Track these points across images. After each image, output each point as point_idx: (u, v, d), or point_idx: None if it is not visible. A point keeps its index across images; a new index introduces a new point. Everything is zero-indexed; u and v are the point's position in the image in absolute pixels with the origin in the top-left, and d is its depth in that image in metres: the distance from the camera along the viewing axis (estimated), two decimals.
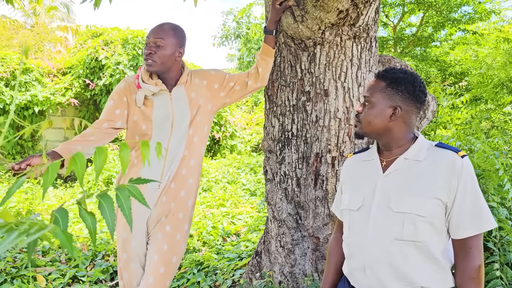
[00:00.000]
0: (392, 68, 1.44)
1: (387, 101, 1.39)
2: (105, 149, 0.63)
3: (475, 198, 1.31)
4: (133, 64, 8.43)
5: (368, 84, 1.47)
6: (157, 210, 2.07)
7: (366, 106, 1.44)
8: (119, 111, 2.06)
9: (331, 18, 2.03)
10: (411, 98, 1.39)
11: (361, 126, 1.46)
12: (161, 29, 1.98)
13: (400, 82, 1.38)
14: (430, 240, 1.32)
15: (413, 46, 7.61)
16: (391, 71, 1.42)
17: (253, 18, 13.91)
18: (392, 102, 1.39)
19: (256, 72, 2.19)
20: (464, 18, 6.95)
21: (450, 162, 1.33)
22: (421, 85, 1.41)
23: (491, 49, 6.75)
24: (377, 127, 1.42)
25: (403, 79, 1.38)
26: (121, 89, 2.08)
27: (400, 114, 1.39)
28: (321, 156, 2.20)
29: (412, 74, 1.41)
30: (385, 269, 1.35)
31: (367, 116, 1.43)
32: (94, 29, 9.32)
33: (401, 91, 1.38)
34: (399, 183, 1.38)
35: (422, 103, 1.42)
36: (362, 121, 1.45)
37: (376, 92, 1.41)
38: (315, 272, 2.25)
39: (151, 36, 1.97)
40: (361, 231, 1.42)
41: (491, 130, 3.97)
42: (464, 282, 1.31)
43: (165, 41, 1.96)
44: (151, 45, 1.96)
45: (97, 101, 8.75)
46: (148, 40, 1.98)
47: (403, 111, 1.39)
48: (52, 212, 0.58)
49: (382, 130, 1.42)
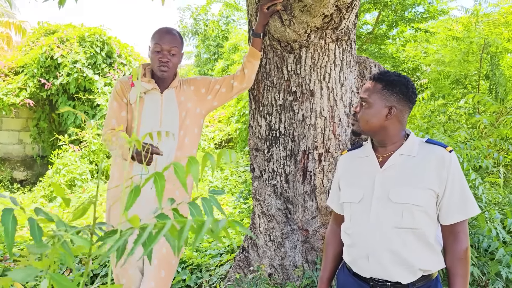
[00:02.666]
0: (387, 71, 1.57)
1: (383, 102, 1.52)
2: (195, 159, 0.69)
3: (462, 187, 1.47)
4: (91, 62, 8.20)
5: (364, 86, 1.59)
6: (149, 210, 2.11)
7: (364, 106, 1.56)
8: (124, 113, 2.14)
9: (316, 22, 2.15)
10: (404, 98, 1.52)
11: (358, 124, 1.58)
12: (174, 38, 2.08)
13: (395, 84, 1.51)
14: (425, 227, 1.46)
15: (369, 43, 7.94)
16: (386, 74, 1.55)
17: (210, 15, 13.86)
18: (387, 102, 1.52)
19: (242, 73, 2.27)
20: (416, 17, 7.35)
21: (440, 157, 1.48)
22: (413, 87, 1.55)
23: (439, 46, 7.19)
24: (374, 126, 1.55)
25: (398, 81, 1.52)
26: (118, 91, 2.14)
27: (395, 113, 1.52)
28: (308, 153, 2.32)
29: (405, 77, 1.55)
30: (387, 255, 1.48)
31: (364, 115, 1.55)
32: (47, 26, 8.95)
33: (396, 92, 1.51)
34: (396, 177, 1.52)
35: (413, 103, 1.57)
36: (360, 120, 1.57)
37: (373, 93, 1.53)
38: (306, 263, 2.38)
39: (166, 44, 2.05)
40: (362, 222, 1.55)
41: (447, 122, 4.27)
42: (454, 263, 1.47)
43: (177, 50, 2.10)
44: (165, 53, 2.05)
45: (53, 101, 8.44)
46: (162, 47, 2.05)
47: (398, 111, 1.52)
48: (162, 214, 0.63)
49: (378, 128, 1.55)
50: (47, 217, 0.62)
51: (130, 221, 0.60)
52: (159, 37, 2.06)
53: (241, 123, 9.01)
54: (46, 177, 7.08)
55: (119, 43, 8.70)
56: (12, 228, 0.55)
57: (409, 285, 1.48)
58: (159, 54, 2.05)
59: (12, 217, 0.55)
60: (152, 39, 2.09)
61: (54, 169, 6.95)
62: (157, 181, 0.66)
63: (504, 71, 4.20)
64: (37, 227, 0.59)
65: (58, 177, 6.70)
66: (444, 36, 6.85)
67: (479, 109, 4.14)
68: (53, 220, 0.61)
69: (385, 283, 1.51)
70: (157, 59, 2.05)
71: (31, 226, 0.59)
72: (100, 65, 8.28)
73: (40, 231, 0.59)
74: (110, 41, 8.47)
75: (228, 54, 12.31)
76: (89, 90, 8.19)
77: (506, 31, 4.41)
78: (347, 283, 1.65)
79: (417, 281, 1.48)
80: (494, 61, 4.02)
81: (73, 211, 0.76)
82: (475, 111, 4.16)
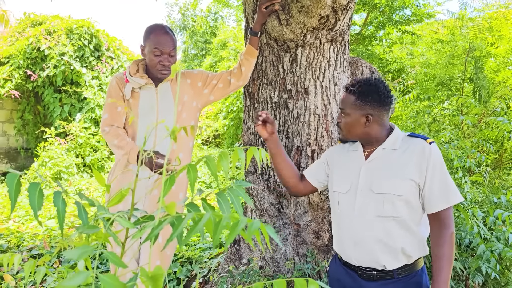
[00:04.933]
0: (358, 81, 1.64)
1: (359, 111, 1.62)
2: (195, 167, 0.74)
3: (443, 177, 1.56)
4: (78, 55, 8.13)
5: (341, 98, 1.70)
6: (149, 203, 2.16)
7: (344, 116, 1.67)
8: (120, 108, 2.16)
9: (313, 22, 2.22)
10: (379, 105, 1.61)
11: (343, 133, 1.71)
12: (172, 39, 2.14)
13: (367, 94, 1.60)
14: (407, 216, 1.56)
15: (357, 44, 8.06)
16: (357, 85, 1.63)
17: (199, 11, 13.83)
18: (363, 111, 1.61)
19: (239, 71, 2.33)
20: (403, 20, 7.50)
21: (420, 148, 1.57)
22: (385, 91, 1.62)
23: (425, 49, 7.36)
24: (356, 133, 1.66)
25: (369, 91, 1.60)
26: (114, 86, 2.17)
27: (373, 119, 1.61)
28: (301, 150, 2.39)
29: (375, 84, 1.62)
30: (372, 242, 1.58)
31: (345, 125, 1.67)
32: (33, 17, 8.82)
33: (369, 101, 1.60)
34: (378, 169, 1.61)
35: (389, 104, 1.65)
36: (342, 129, 1.70)
37: (348, 105, 1.64)
38: (296, 256, 2.45)
39: (166, 48, 2.10)
40: (349, 211, 1.64)
41: (432, 123, 4.41)
42: (438, 246, 1.56)
43: (175, 50, 2.17)
44: (166, 56, 2.11)
45: (39, 93, 8.34)
46: (162, 51, 2.10)
47: (375, 116, 1.62)
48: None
49: (361, 134, 1.66)
50: (89, 201, 0.66)
51: (167, 208, 0.65)
52: (157, 41, 2.09)
53: (229, 119, 9.05)
54: (32, 170, 7.01)
55: (107, 36, 8.65)
56: (62, 209, 0.60)
57: (394, 273, 1.57)
58: (159, 58, 2.10)
59: (62, 199, 0.60)
60: (149, 41, 2.11)
61: (40, 162, 6.89)
62: (190, 172, 0.71)
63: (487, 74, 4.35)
64: (83, 210, 0.63)
65: (44, 169, 6.64)
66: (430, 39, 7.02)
67: (462, 110, 4.27)
68: (94, 204, 0.66)
69: (372, 272, 1.60)
70: (157, 63, 2.10)
71: (78, 209, 0.64)
72: (88, 58, 8.22)
73: (86, 214, 0.64)
74: (98, 34, 8.40)
75: (216, 50, 12.33)
76: (76, 83, 8.12)
77: (490, 36, 4.56)
78: (338, 272, 1.74)
79: (401, 270, 1.57)
80: (478, 64, 4.16)
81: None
82: (459, 112, 4.30)
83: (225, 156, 0.74)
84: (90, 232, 0.62)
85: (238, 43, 11.65)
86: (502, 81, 4.11)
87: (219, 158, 0.74)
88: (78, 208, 0.63)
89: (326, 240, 2.45)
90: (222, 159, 0.74)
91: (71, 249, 0.63)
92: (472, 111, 4.00)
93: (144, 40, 2.15)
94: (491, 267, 2.38)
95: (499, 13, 4.80)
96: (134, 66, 2.20)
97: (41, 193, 0.61)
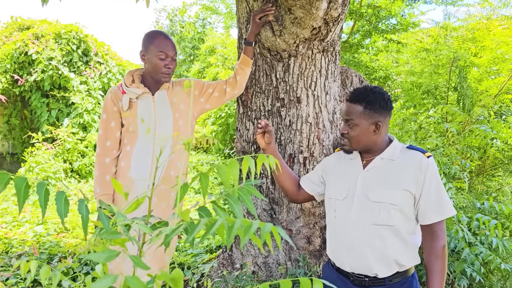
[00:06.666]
0: (360, 90, 1.68)
1: (368, 120, 1.65)
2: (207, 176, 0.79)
3: (438, 190, 1.63)
4: (67, 60, 8.09)
5: (345, 109, 1.70)
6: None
7: (351, 127, 1.68)
8: (114, 123, 2.21)
9: (305, 33, 2.29)
10: (386, 111, 1.67)
11: (350, 144, 1.71)
12: (173, 43, 2.20)
13: (374, 102, 1.64)
14: (401, 225, 1.62)
15: (344, 51, 8.20)
16: (363, 94, 1.66)
17: (187, 17, 13.88)
18: (373, 119, 1.65)
19: (235, 80, 2.39)
20: (389, 29, 7.66)
21: (418, 161, 1.64)
22: (388, 96, 1.69)
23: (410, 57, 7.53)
24: (366, 143, 1.69)
25: (375, 98, 1.64)
26: (109, 101, 2.23)
27: (381, 126, 1.66)
28: (294, 157, 2.46)
29: (379, 90, 1.68)
30: (365, 249, 1.63)
31: (355, 136, 1.67)
32: (20, 21, 8.76)
33: (377, 109, 1.64)
34: (376, 178, 1.67)
35: (392, 108, 1.72)
36: (351, 141, 1.69)
37: (356, 115, 1.65)
38: (289, 261, 2.51)
39: (170, 51, 2.15)
40: (345, 218, 1.69)
41: (419, 130, 4.52)
42: (431, 259, 1.63)
43: (176, 55, 2.22)
44: (170, 60, 2.16)
45: (26, 97, 8.27)
46: (167, 55, 2.15)
47: (383, 123, 1.67)
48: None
49: (368, 143, 1.68)
50: (108, 208, 0.71)
51: (182, 215, 0.70)
52: (163, 45, 2.13)
53: (217, 125, 9.09)
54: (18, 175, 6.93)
55: (96, 42, 8.62)
56: (86, 216, 0.64)
57: (386, 280, 1.63)
58: (164, 61, 2.13)
59: (85, 207, 0.64)
60: (153, 46, 2.14)
61: (27, 167, 6.82)
62: (202, 180, 0.76)
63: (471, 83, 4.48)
64: (105, 216, 0.68)
65: (31, 175, 6.58)
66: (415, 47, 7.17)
67: (447, 118, 4.40)
68: (113, 211, 0.71)
69: (364, 278, 1.65)
70: (163, 66, 2.13)
71: (100, 215, 0.68)
72: (76, 63, 8.19)
73: (107, 220, 0.69)
74: (86, 39, 8.38)
75: (204, 56, 12.37)
76: (64, 88, 8.07)
77: (473, 46, 4.70)
78: (330, 278, 1.79)
79: (393, 277, 1.63)
80: (462, 74, 4.28)
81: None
82: (444, 120, 4.43)
83: (234, 164, 0.79)
84: (111, 238, 0.66)
85: (226, 49, 11.72)
86: (485, 90, 4.24)
87: (229, 166, 0.79)
88: (100, 215, 0.68)
89: (318, 245, 2.51)
90: (232, 168, 0.79)
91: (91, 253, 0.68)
92: (456, 119, 4.11)
93: (146, 45, 2.16)
94: (475, 270, 2.47)
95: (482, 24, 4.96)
96: (129, 77, 2.25)
97: (67, 201, 0.66)
